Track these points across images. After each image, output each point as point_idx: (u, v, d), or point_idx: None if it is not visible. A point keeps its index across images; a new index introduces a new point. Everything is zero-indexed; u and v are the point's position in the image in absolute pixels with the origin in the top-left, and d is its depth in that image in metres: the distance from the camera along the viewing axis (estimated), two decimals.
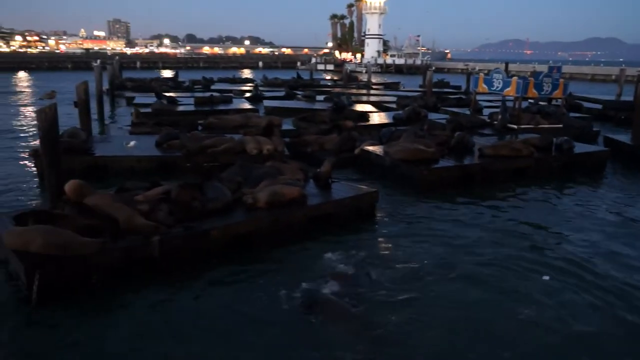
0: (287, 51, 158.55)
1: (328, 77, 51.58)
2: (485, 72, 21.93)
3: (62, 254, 5.71)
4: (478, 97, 20.85)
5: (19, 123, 20.48)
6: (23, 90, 38.01)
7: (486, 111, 20.03)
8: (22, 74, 59.35)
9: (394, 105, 23.88)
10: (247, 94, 28.20)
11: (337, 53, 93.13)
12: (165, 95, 22.81)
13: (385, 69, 76.18)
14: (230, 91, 28.44)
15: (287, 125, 16.13)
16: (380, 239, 8.08)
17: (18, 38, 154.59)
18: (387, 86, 40.24)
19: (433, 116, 18.93)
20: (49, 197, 8.52)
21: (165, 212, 6.78)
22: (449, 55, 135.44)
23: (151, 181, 8.04)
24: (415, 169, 10.80)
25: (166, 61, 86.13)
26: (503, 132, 16.12)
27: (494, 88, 17.92)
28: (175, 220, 6.73)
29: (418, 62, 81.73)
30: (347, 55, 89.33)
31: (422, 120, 16.80)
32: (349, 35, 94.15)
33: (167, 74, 49.72)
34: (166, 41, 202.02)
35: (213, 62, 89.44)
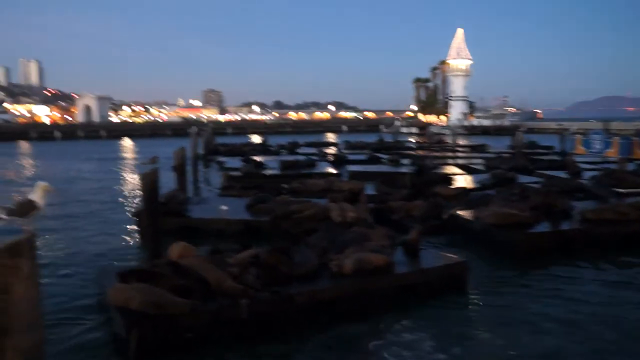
0: (371, 115, 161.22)
1: (412, 140, 51.52)
2: (582, 131, 20.92)
3: (157, 313, 5.94)
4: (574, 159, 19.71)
5: (124, 185, 22.12)
6: (129, 155, 41.25)
7: (585, 174, 18.86)
8: (127, 141, 64.61)
9: (481, 168, 23.29)
10: (331, 157, 28.78)
11: (420, 116, 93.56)
12: (253, 159, 23.81)
13: (471, 130, 75.20)
14: (314, 155, 29.20)
15: (371, 189, 16.16)
16: (471, 315, 7.57)
17: (126, 109, 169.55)
18: (473, 148, 39.34)
19: (523, 179, 18.16)
20: (147, 256, 9.04)
21: (254, 275, 6.90)
22: (539, 115, 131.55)
23: (241, 243, 8.27)
24: (510, 234, 10.27)
25: (255, 127, 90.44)
26: (605, 196, 15.13)
27: (594, 149, 16.96)
28: (263, 284, 6.83)
29: (506, 123, 79.95)
30: (431, 118, 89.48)
31: (512, 184, 16.18)
32: (433, 98, 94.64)
33: (256, 139, 52.05)
34: (255, 108, 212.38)
35: (299, 126, 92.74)
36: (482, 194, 13.56)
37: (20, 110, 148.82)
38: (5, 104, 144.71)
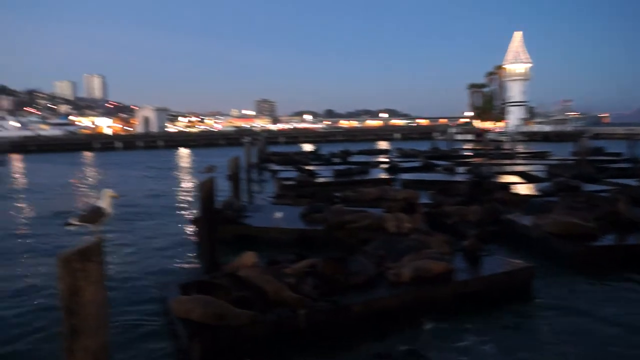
0: (424, 122, 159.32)
1: (468, 147, 50.38)
2: None
3: (218, 324, 6.01)
4: None
5: (181, 193, 22.67)
6: (185, 164, 42.37)
7: None
8: (183, 150, 66.45)
9: (542, 176, 22.39)
10: (383, 165, 28.49)
11: (476, 122, 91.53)
12: (306, 168, 23.88)
13: (530, 137, 72.57)
14: (367, 163, 29.01)
15: (425, 198, 15.82)
16: (537, 325, 7.26)
17: (182, 119, 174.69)
18: (534, 155, 37.83)
19: (589, 188, 17.19)
20: (204, 264, 9.18)
21: (311, 285, 6.90)
22: (605, 119, 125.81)
23: (297, 253, 8.27)
24: (570, 246, 9.68)
25: (307, 135, 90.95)
26: None
27: None
28: (320, 294, 6.80)
29: (569, 128, 76.70)
30: (487, 124, 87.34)
31: (576, 192, 15.44)
32: (489, 104, 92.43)
33: (308, 147, 52.35)
34: (307, 117, 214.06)
35: (351, 135, 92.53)
36: (543, 201, 13.02)
37: (84, 122, 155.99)
38: (71, 117, 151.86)
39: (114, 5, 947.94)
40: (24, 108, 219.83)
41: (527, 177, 22.27)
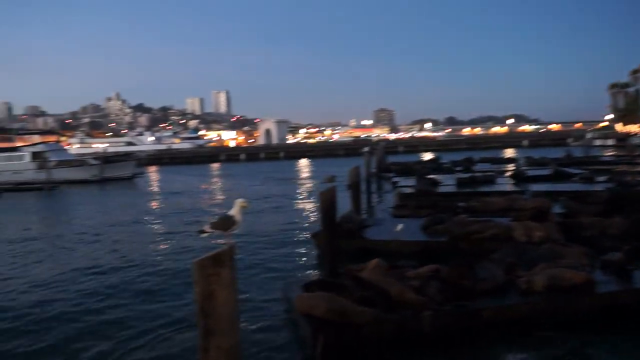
0: (555, 127, 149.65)
1: (608, 154, 46.02)
2: None
3: (341, 321, 6.10)
4: None
5: (302, 203, 23.27)
6: (305, 174, 43.54)
7: None
8: (303, 161, 68.47)
9: None
10: (510, 174, 26.90)
11: (618, 125, 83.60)
12: (426, 177, 23.24)
13: None
14: (492, 172, 27.60)
15: (557, 208, 14.59)
16: None
17: (302, 131, 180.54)
18: None
19: None
20: (325, 269, 9.23)
21: (435, 289, 6.79)
22: None
23: (420, 263, 8.13)
24: None
25: (427, 144, 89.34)
26: None
27: None
28: (445, 298, 6.68)
29: None
30: (632, 128, 79.19)
31: None
32: (634, 105, 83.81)
33: (428, 156, 51.30)
34: (427, 125, 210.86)
35: (474, 142, 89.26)
36: None
37: (211, 135, 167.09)
38: (200, 131, 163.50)
39: (235, 27, 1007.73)
40: (159, 124, 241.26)
41: None
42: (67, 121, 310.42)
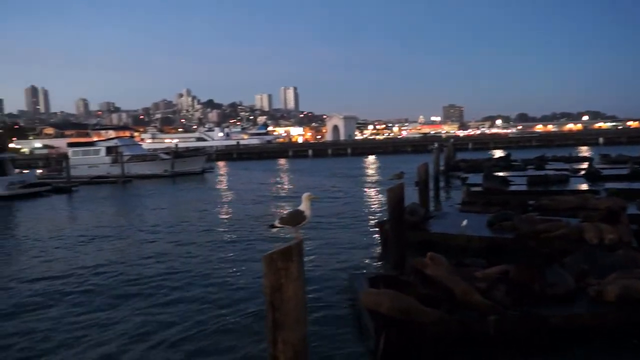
0: (634, 124, 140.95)
1: None
2: None
3: (404, 319, 6.15)
4: None
5: (368, 199, 23.41)
6: (372, 171, 43.63)
7: None
8: (370, 158, 68.45)
9: None
10: (583, 173, 25.85)
11: None
12: (496, 175, 22.80)
13: None
14: (565, 170, 26.63)
15: (633, 209, 13.99)
16: None
17: (370, 127, 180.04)
18: None
19: None
20: (391, 265, 9.42)
21: (503, 292, 6.67)
22: None
23: (488, 260, 8.06)
24: None
25: (497, 141, 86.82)
26: None
27: None
28: (512, 302, 6.55)
29: None
30: None
31: None
32: None
33: (498, 153, 49.98)
34: (498, 122, 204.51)
35: (546, 140, 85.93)
36: None
37: (279, 131, 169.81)
38: (268, 128, 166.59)
39: (303, 25, 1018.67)
40: (228, 120, 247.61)
41: None
42: (140, 117, 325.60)
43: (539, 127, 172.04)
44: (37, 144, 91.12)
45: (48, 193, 32.88)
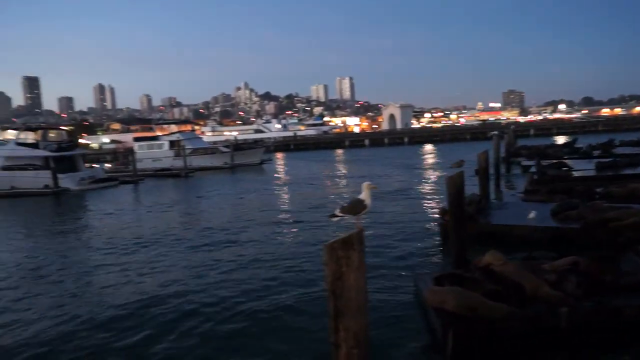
0: None
1: None
2: None
3: (471, 316, 6.05)
4: None
5: (427, 188, 23.16)
6: (430, 160, 43.03)
7: None
8: (427, 146, 67.44)
9: None
10: None
11: None
12: (559, 161, 22.03)
13: None
14: (635, 155, 25.31)
15: None
16: None
17: (427, 115, 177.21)
18: None
19: None
20: (452, 257, 9.30)
21: (574, 283, 6.46)
22: None
23: (556, 251, 7.83)
24: None
25: (561, 127, 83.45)
26: None
27: None
28: (584, 293, 6.34)
29: None
30: None
31: None
32: None
33: (562, 139, 48.09)
34: (561, 106, 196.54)
35: (614, 124, 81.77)
36: None
37: (336, 121, 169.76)
38: (325, 118, 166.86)
39: (358, 14, 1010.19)
40: (285, 112, 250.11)
41: None
42: (200, 110, 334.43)
43: (606, 111, 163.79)
44: (105, 139, 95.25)
45: (116, 186, 34.47)
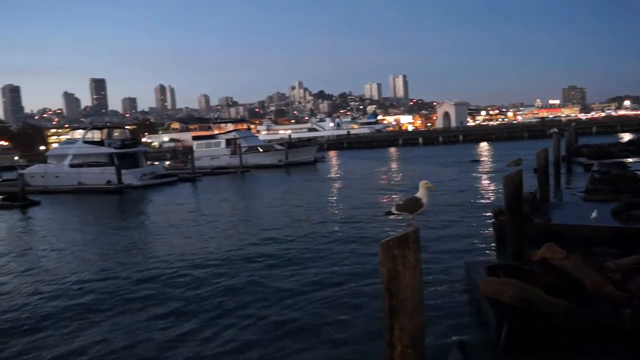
0: None
1: None
2: None
3: (527, 309, 5.99)
4: None
5: (483, 187, 22.79)
6: (486, 158, 42.13)
7: None
8: (483, 144, 65.97)
9: None
10: None
11: None
12: (624, 161, 21.17)
13: None
14: None
15: None
16: None
17: (482, 113, 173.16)
18: None
19: None
20: (509, 255, 9.19)
21: (639, 284, 6.28)
22: None
23: (621, 250, 7.62)
24: None
25: (625, 124, 79.59)
26: None
27: None
28: None
29: None
30: None
31: None
32: None
33: (627, 137, 45.98)
34: (626, 102, 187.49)
35: None
36: None
37: (389, 120, 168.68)
38: (378, 116, 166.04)
39: (410, 10, 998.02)
40: (339, 110, 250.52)
41: None
42: (255, 109, 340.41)
43: None
44: (165, 137, 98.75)
45: (175, 182, 35.76)
